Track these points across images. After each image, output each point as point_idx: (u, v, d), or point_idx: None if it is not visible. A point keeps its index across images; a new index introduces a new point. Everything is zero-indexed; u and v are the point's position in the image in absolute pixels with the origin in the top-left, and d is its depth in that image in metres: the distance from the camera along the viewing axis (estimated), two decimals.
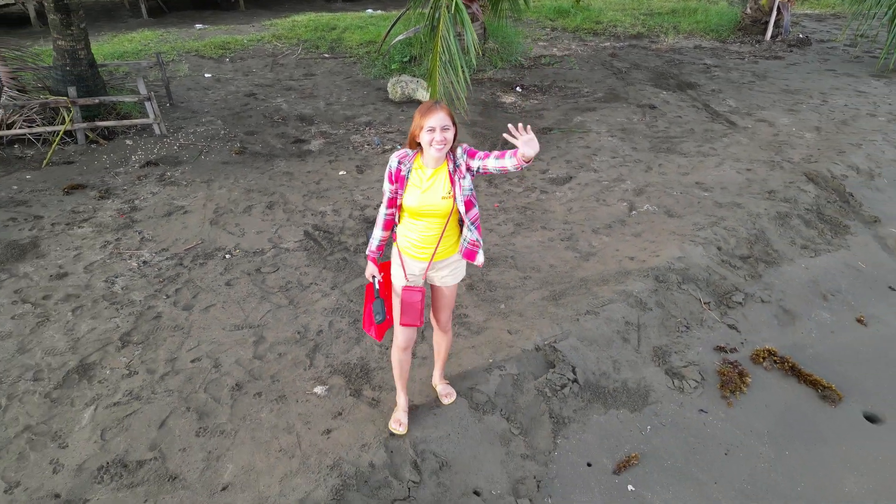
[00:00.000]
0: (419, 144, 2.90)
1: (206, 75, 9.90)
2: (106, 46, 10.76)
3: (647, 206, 5.88)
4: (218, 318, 4.42)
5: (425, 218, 2.99)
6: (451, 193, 2.91)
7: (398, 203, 3.02)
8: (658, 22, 13.66)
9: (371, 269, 3.24)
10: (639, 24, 13.53)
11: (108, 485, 3.20)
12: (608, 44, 12.35)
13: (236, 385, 3.80)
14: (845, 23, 11.93)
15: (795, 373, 4.10)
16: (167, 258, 5.16)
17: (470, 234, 3.03)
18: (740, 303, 4.69)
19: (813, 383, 4.02)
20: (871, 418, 3.88)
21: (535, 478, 3.32)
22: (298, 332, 4.25)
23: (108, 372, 3.94)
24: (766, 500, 3.33)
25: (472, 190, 2.95)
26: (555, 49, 11.93)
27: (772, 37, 11.94)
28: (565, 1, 15.13)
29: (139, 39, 11.64)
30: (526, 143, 2.69)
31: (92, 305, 4.57)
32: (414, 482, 3.18)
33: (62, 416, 3.62)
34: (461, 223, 3.06)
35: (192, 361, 4.00)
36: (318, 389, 3.76)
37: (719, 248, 5.15)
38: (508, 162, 2.82)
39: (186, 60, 10.47)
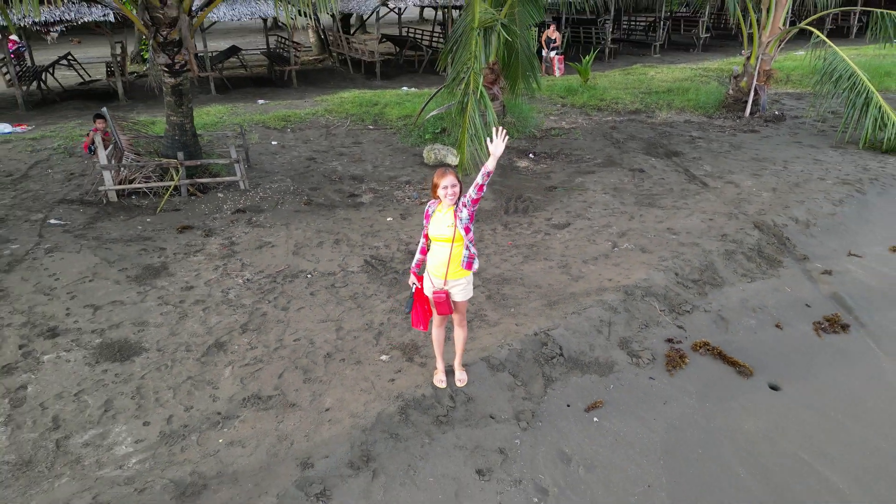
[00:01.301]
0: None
1: (273, 143, 12.04)
2: None
3: (626, 245, 7.61)
4: (308, 316, 6.18)
5: (439, 242, 4.59)
6: (454, 223, 4.54)
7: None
8: (655, 99, 15.71)
9: (412, 280, 4.84)
10: (638, 102, 15.58)
11: (250, 408, 4.90)
12: (610, 118, 14.35)
13: (327, 354, 5.52)
14: (814, 101, 13.74)
15: (721, 357, 5.71)
16: (264, 277, 6.97)
17: (467, 251, 4.58)
18: (688, 311, 6.34)
19: (733, 363, 5.62)
20: (773, 387, 5.45)
21: (531, 411, 4.95)
22: (366, 324, 5.99)
23: (236, 347, 5.69)
24: (687, 429, 4.91)
25: (468, 220, 4.52)
26: (563, 122, 13.96)
27: (750, 113, 13.84)
28: (574, 81, 17.36)
29: (214, 113, 13.94)
30: (496, 145, 4.30)
31: (215, 307, 6.37)
32: (451, 407, 4.84)
33: (211, 371, 5.36)
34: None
35: (294, 340, 5.75)
36: (384, 357, 5.46)
37: (676, 274, 6.84)
38: (479, 178, 4.35)
39: (255, 130, 12.66)
